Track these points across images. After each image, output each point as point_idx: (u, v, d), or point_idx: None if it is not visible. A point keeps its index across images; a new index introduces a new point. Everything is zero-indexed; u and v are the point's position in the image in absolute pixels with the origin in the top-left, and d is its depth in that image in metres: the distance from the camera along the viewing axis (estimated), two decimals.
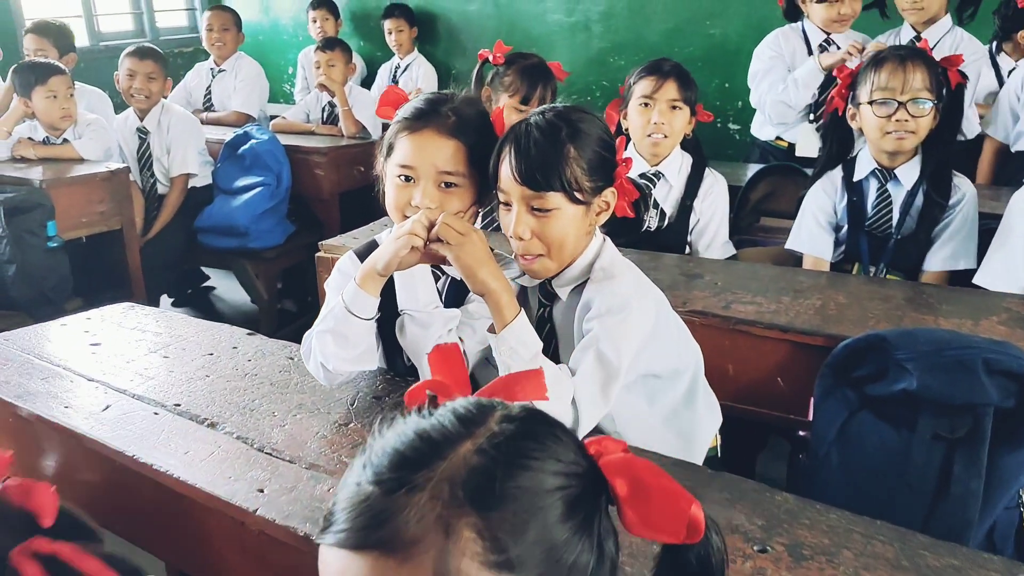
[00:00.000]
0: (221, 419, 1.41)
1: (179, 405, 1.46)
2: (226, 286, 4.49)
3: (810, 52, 3.14)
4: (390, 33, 4.94)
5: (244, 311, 4.19)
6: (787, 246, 2.25)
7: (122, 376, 1.58)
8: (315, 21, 4.89)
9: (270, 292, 3.64)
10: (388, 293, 1.46)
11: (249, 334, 1.78)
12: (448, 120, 1.44)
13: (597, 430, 1.44)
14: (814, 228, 2.20)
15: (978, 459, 1.38)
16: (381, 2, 5.26)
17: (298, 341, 1.54)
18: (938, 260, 2.06)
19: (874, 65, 2.07)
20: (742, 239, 2.55)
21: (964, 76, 2.08)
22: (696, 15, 4.37)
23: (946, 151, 2.09)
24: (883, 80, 2.03)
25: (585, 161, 1.35)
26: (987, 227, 2.09)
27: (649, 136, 2.30)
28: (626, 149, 1.50)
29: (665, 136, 2.30)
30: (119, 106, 3.86)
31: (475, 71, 2.60)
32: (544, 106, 1.42)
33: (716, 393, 1.71)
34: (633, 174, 2.33)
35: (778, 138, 3.24)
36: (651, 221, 2.35)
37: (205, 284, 4.42)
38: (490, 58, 2.52)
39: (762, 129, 3.33)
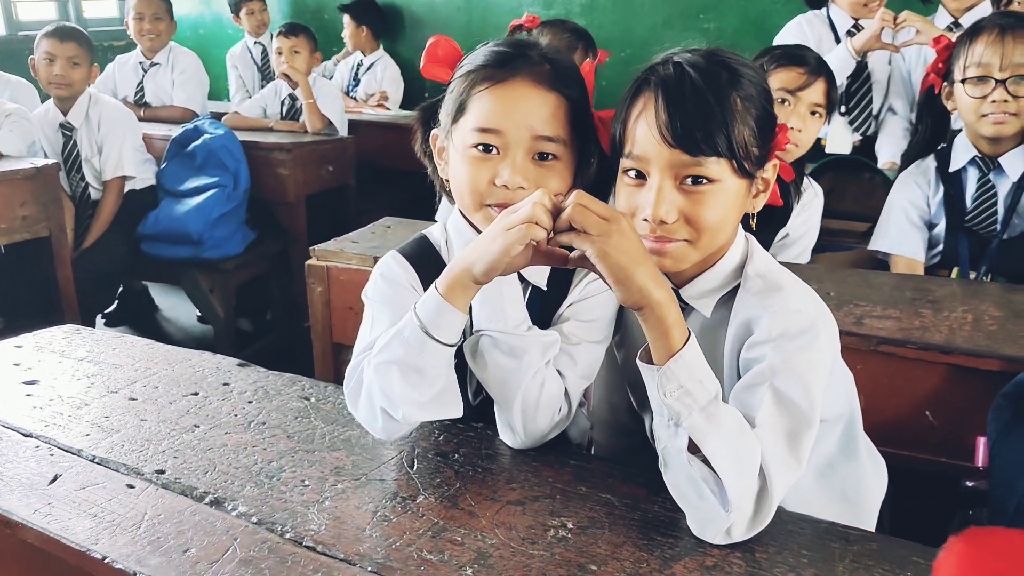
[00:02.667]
0: (229, 493, 0.97)
1: (163, 472, 1.02)
2: (170, 303, 3.97)
3: (837, 40, 2.86)
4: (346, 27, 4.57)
5: (195, 333, 3.68)
6: (872, 247, 1.92)
7: (73, 430, 1.13)
8: (252, 13, 4.43)
9: (227, 309, 3.15)
10: None
11: (241, 365, 1.34)
12: (543, 68, 1.05)
13: None
14: (905, 226, 1.88)
15: None
16: None
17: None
18: None
19: (970, 36, 1.76)
20: None
21: None
22: (689, 8, 4.08)
23: None
24: (979, 54, 1.73)
25: (753, 118, 0.97)
26: None
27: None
28: None
29: (797, 146, 1.86)
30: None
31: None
32: (682, 46, 1.04)
33: None
34: None
35: None
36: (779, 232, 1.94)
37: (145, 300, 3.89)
38: (522, 25, 2.15)
39: None
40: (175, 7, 5.67)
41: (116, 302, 3.84)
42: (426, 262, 1.14)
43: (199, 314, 3.64)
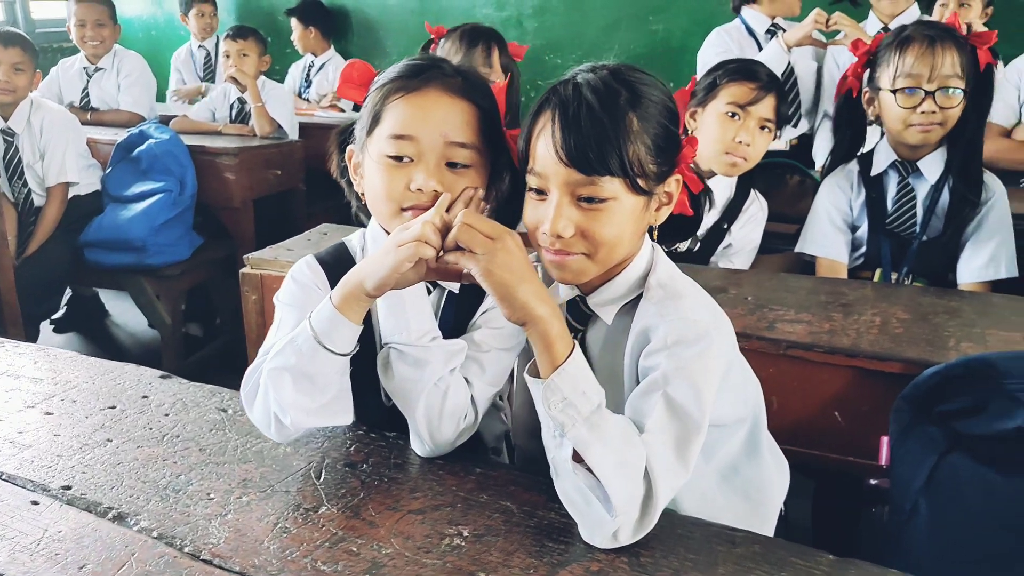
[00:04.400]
0: (133, 508, 0.98)
1: (69, 488, 1.03)
2: (121, 308, 3.93)
3: (758, 43, 2.93)
4: (294, 30, 4.58)
5: (144, 340, 3.66)
6: (798, 249, 1.97)
7: None
8: (202, 15, 4.39)
9: (174, 315, 3.13)
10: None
11: (163, 377, 1.35)
12: (455, 79, 1.08)
13: None
14: (829, 229, 1.92)
15: None
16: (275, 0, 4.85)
17: (214, 378, 1.15)
18: (975, 269, 1.81)
19: (898, 46, 1.80)
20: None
21: (995, 55, 1.84)
22: (638, 10, 4.13)
23: (974, 141, 1.85)
24: (909, 65, 1.77)
25: (650, 137, 1.00)
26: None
27: (727, 155, 1.90)
28: None
29: (746, 159, 1.91)
30: None
31: (420, 51, 2.29)
32: (591, 63, 1.07)
33: None
34: None
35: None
36: (681, 244, 1.99)
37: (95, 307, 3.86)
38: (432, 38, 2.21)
39: None
40: (127, 8, 5.66)
41: (65, 308, 3.81)
42: (340, 268, 1.16)
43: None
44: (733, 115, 1.88)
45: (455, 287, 1.16)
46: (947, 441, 1.26)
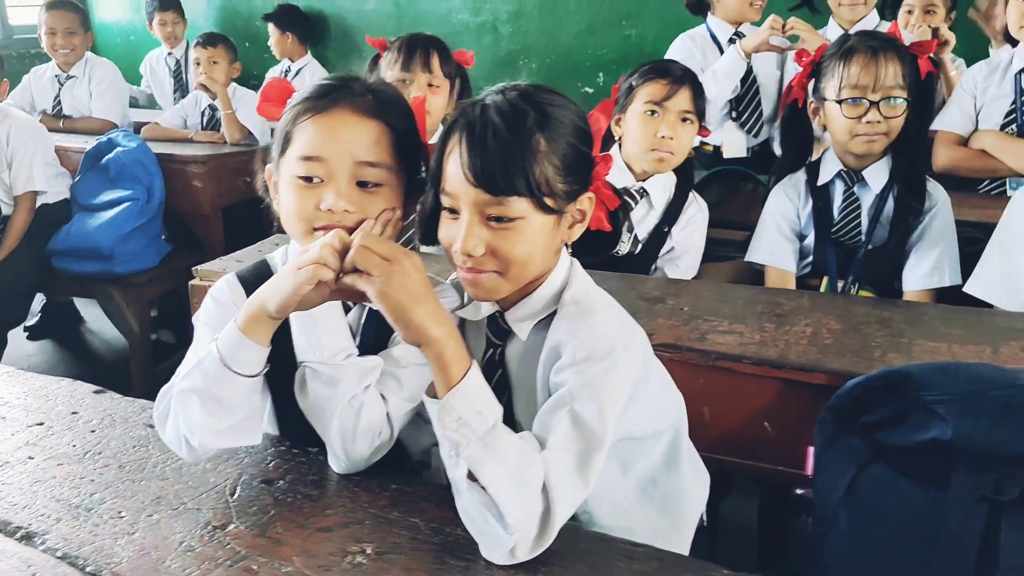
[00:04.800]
0: (43, 527, 0.99)
1: None
2: (96, 314, 3.93)
3: (721, 51, 2.95)
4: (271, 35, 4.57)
5: (117, 346, 3.66)
6: (747, 258, 1.98)
7: None
8: (164, 24, 4.38)
9: (142, 322, 3.13)
10: (283, 335, 1.09)
11: (97, 392, 1.36)
12: (365, 98, 1.09)
13: None
14: (777, 238, 1.94)
15: None
16: (253, 5, 4.86)
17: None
18: (919, 277, 1.83)
19: (842, 57, 1.82)
20: None
21: (935, 64, 1.86)
22: (611, 15, 4.14)
23: (917, 150, 1.87)
24: (853, 76, 1.79)
25: (559, 157, 1.02)
26: (962, 235, 1.88)
27: (654, 151, 1.95)
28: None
29: (672, 153, 1.95)
30: None
31: (367, 67, 2.30)
32: (503, 84, 1.08)
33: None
34: (615, 186, 2.01)
35: (703, 143, 3.01)
36: (622, 246, 2.01)
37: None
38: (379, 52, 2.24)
39: None
40: (105, 13, 5.67)
41: (39, 315, 3.81)
42: (260, 286, 1.17)
43: None
44: (652, 112, 1.93)
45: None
46: (869, 452, 1.28)
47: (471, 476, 0.90)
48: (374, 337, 1.17)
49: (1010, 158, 2.35)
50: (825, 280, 1.92)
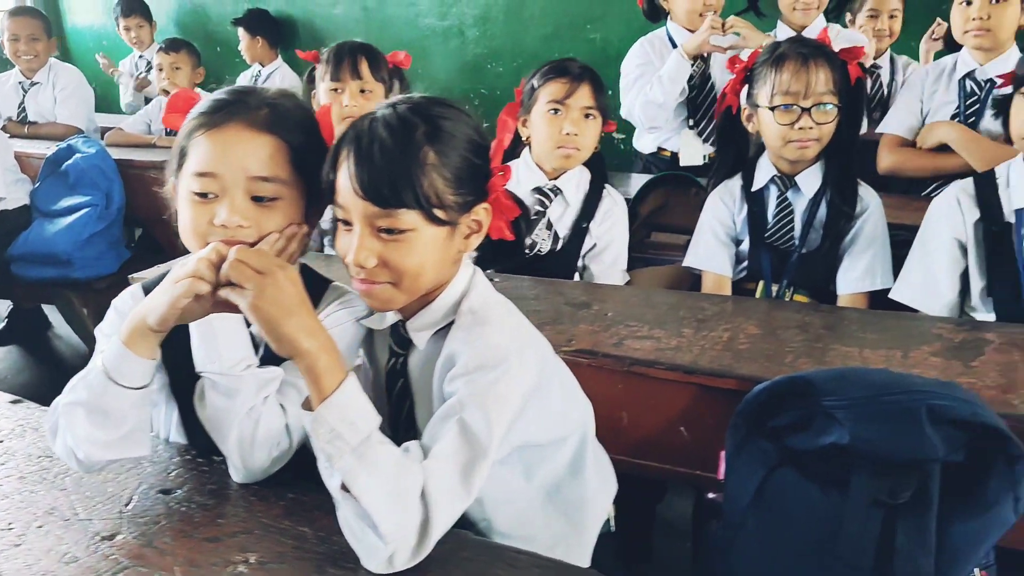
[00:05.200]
0: None
1: None
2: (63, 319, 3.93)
3: None
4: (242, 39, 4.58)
5: (83, 352, 3.65)
6: (684, 263, 2.00)
7: None
8: (128, 30, 4.38)
9: None
10: (186, 345, 1.10)
11: (14, 402, 1.36)
12: (260, 112, 1.10)
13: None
14: (713, 243, 1.96)
15: (925, 528, 1.13)
16: (224, 9, 4.86)
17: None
18: (852, 281, 1.85)
19: (774, 64, 1.84)
20: (632, 257, 2.28)
21: (864, 70, 1.88)
22: (575, 19, 4.15)
23: (849, 154, 1.88)
24: (785, 82, 1.81)
25: (449, 169, 1.03)
26: (897, 238, 1.90)
27: (560, 148, 1.99)
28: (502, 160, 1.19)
29: (578, 149, 2.00)
30: None
31: (305, 77, 2.33)
32: (397, 97, 1.09)
33: (609, 446, 1.42)
34: (528, 188, 2.04)
35: (660, 149, 3.03)
36: (543, 244, 2.04)
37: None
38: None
39: (641, 140, 3.12)
40: (79, 18, 5.66)
41: (6, 320, 3.81)
42: None
43: None
44: (555, 111, 1.96)
45: None
46: (778, 456, 1.29)
47: (346, 487, 0.91)
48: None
49: (969, 154, 2.33)
50: (761, 284, 1.94)
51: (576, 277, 2.07)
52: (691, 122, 2.89)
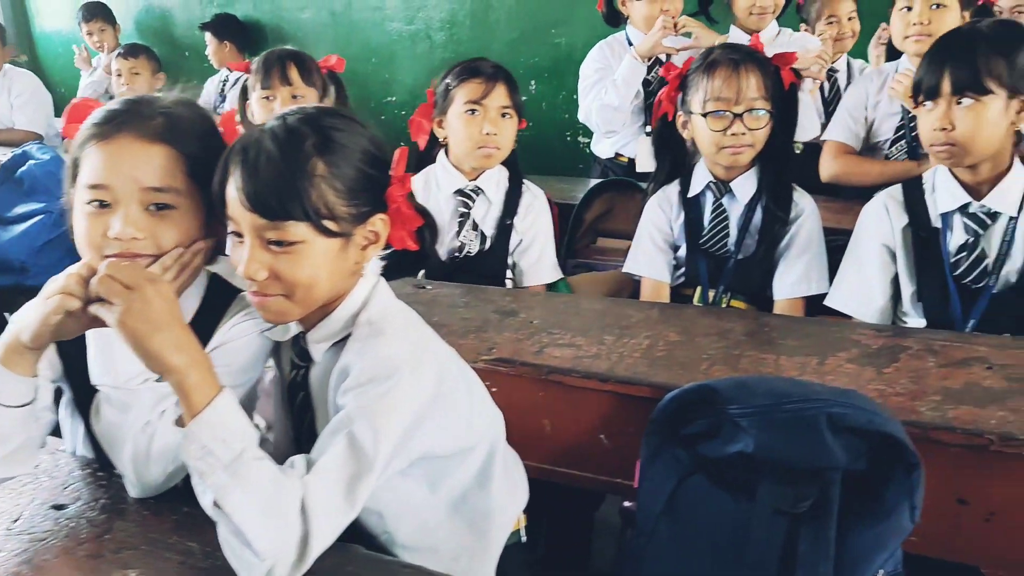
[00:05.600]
0: None
1: None
2: None
3: None
4: (208, 44, 4.56)
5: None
6: (624, 270, 2.00)
7: None
8: (91, 34, 4.36)
9: None
10: (86, 358, 1.09)
11: None
12: (153, 122, 1.09)
13: (355, 528, 1.10)
14: (651, 249, 1.95)
15: (826, 536, 1.13)
16: (192, 14, 4.85)
17: None
18: (787, 286, 1.85)
19: (706, 70, 1.84)
20: (578, 263, 2.28)
21: (798, 75, 1.88)
22: (541, 23, 4.15)
23: (783, 160, 1.89)
24: (716, 89, 1.81)
25: (341, 181, 1.02)
26: (835, 243, 1.91)
27: (481, 148, 2.01)
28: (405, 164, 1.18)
29: (498, 148, 2.02)
30: None
31: (239, 90, 2.33)
32: (292, 108, 1.09)
33: (532, 455, 1.42)
34: (450, 190, 2.04)
35: (618, 154, 3.03)
36: (471, 245, 2.05)
37: None
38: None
39: (599, 145, 3.13)
40: (48, 22, 5.63)
41: None
42: None
43: None
44: (473, 111, 1.98)
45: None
46: (691, 463, 1.29)
47: (219, 504, 0.90)
48: None
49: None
50: (698, 290, 1.94)
51: (508, 275, 2.07)
52: (648, 128, 2.89)
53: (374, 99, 4.54)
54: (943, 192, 1.72)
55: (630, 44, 3.03)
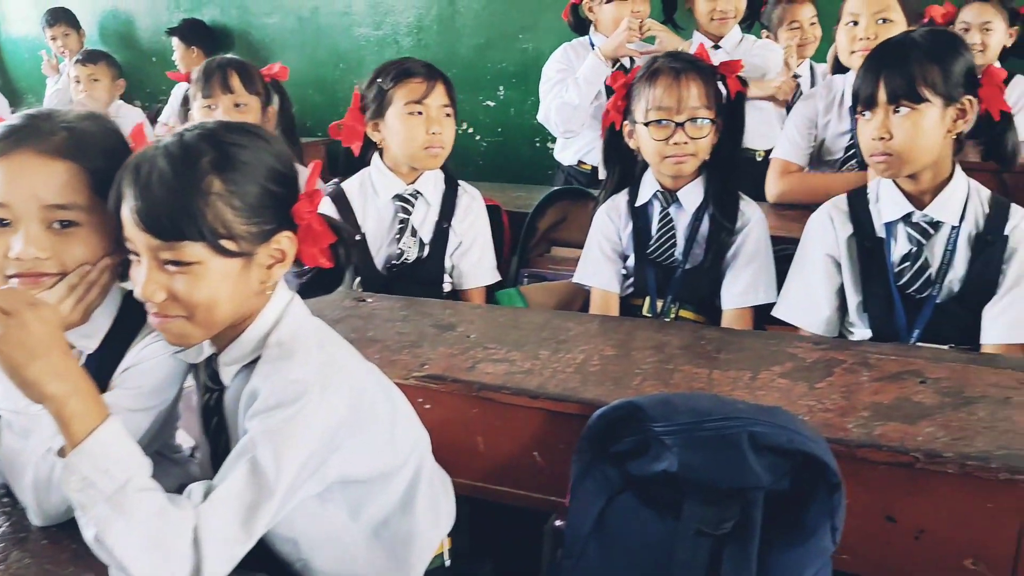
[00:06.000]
0: None
1: None
2: None
3: None
4: (175, 50, 4.52)
5: None
6: (574, 279, 1.98)
7: None
8: (55, 39, 4.31)
9: None
10: None
11: None
12: (54, 137, 1.06)
13: (269, 556, 1.08)
14: (600, 259, 1.93)
15: (748, 556, 1.11)
16: (158, 20, 4.80)
17: None
18: (735, 296, 1.84)
19: (648, 80, 1.83)
20: (531, 272, 2.26)
21: (744, 83, 1.87)
22: (508, 29, 4.14)
23: (729, 169, 1.87)
24: (658, 97, 1.80)
25: (241, 199, 0.99)
26: (786, 252, 1.89)
27: (428, 148, 1.97)
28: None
29: (443, 147, 2.00)
30: None
31: (180, 101, 2.30)
32: (192, 123, 1.06)
33: (465, 472, 1.40)
34: (388, 195, 2.01)
35: (580, 162, 3.01)
36: (410, 252, 2.02)
37: None
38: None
39: (563, 153, 3.10)
40: (14, 28, 5.57)
41: None
42: None
43: None
44: (417, 112, 1.95)
45: (91, 345, 1.14)
46: (621, 481, 1.26)
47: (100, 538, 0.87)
48: (98, 380, 1.13)
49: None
50: (647, 300, 1.91)
51: (446, 279, 2.05)
52: None
53: (342, 104, 4.49)
54: (887, 201, 1.71)
55: (592, 47, 3.01)
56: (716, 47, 2.84)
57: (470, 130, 4.35)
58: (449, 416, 1.41)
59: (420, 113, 1.95)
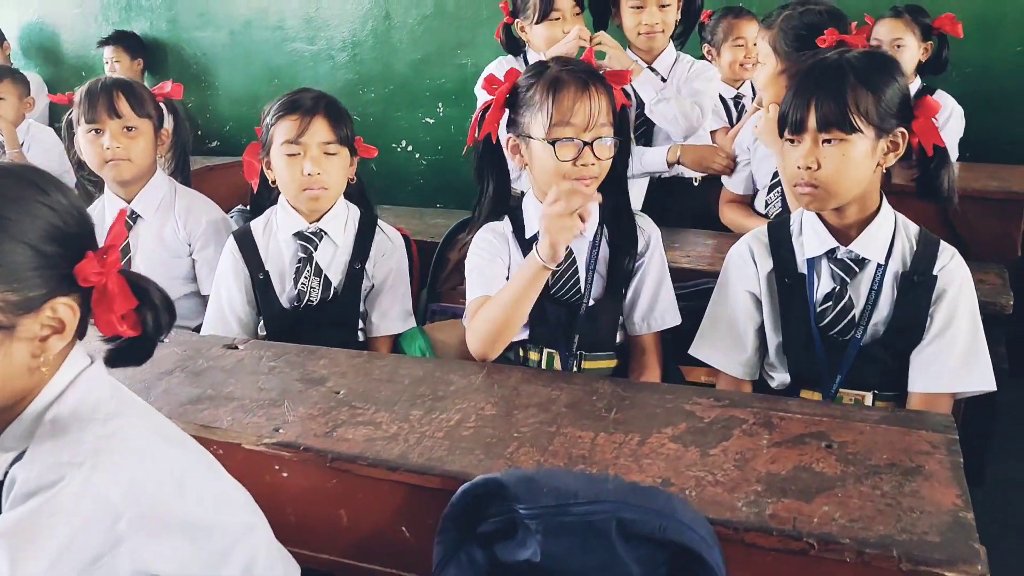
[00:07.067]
0: None
1: None
2: None
3: None
4: (107, 63, 4.32)
5: None
6: (467, 299, 1.78)
7: None
8: None
9: None
10: None
11: None
12: None
13: None
14: (488, 266, 1.70)
15: None
16: (87, 32, 4.62)
17: None
18: (638, 322, 1.70)
19: (549, 88, 1.58)
20: (442, 307, 2.10)
21: (627, 96, 1.72)
22: (445, 45, 3.99)
23: (622, 188, 1.71)
24: (565, 112, 1.55)
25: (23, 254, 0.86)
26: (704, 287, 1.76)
27: (305, 191, 1.82)
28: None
29: (325, 188, 1.83)
30: None
31: (64, 122, 2.14)
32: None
33: (328, 548, 1.27)
34: (288, 233, 1.86)
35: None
36: (312, 293, 1.86)
37: None
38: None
39: None
40: None
41: None
42: None
43: None
44: (296, 154, 1.79)
45: None
46: (489, 567, 1.11)
47: None
48: None
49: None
50: (545, 354, 1.71)
51: (360, 324, 1.89)
52: None
53: None
54: (810, 235, 1.58)
55: (524, 60, 2.88)
56: (651, 68, 2.71)
57: (409, 148, 4.19)
58: (308, 485, 1.25)
59: (297, 154, 1.80)
